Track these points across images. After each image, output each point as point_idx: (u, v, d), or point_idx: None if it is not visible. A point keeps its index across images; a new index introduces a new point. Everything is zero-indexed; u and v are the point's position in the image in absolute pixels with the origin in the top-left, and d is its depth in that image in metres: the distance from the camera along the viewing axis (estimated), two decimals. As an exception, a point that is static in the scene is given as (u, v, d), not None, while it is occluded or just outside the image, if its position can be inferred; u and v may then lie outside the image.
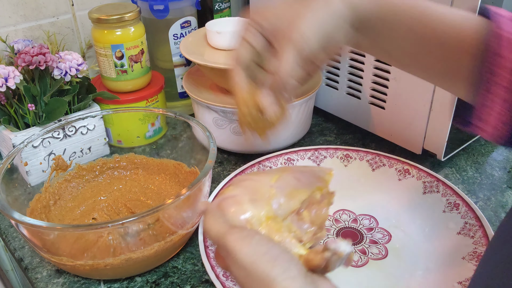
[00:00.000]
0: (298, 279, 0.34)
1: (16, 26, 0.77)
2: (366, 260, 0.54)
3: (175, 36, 0.79)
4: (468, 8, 0.54)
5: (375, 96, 0.71)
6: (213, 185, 0.64)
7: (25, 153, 0.60)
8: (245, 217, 0.41)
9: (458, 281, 0.48)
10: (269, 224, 0.42)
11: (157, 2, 0.76)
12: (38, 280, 0.54)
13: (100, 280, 0.54)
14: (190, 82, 0.75)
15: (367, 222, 0.59)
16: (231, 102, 0.69)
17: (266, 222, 0.42)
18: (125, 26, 0.71)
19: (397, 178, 0.63)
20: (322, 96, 0.80)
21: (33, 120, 0.66)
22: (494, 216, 0.60)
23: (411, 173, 0.63)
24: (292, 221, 0.43)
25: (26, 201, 0.58)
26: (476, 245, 0.52)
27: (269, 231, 0.41)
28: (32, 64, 0.63)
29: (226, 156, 0.74)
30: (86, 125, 0.67)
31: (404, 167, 0.63)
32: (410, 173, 0.63)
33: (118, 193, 0.65)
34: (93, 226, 0.50)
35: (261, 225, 0.41)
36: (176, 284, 0.53)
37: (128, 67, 0.73)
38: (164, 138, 0.77)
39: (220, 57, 0.69)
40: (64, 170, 0.65)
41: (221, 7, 0.86)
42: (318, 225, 0.44)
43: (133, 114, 0.73)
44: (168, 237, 0.51)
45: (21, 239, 0.60)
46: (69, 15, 0.82)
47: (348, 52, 0.72)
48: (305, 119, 0.74)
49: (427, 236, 0.56)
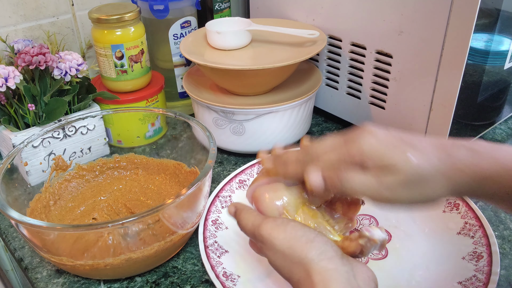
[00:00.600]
0: (335, 260, 0.36)
1: (16, 26, 0.77)
2: (366, 260, 0.54)
3: (175, 36, 0.79)
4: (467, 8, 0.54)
5: (375, 96, 0.71)
6: (213, 185, 0.64)
7: (25, 153, 0.60)
8: (281, 203, 0.42)
9: (458, 281, 0.48)
10: (304, 210, 0.42)
11: (157, 2, 0.76)
12: (38, 280, 0.54)
13: (100, 280, 0.54)
14: (190, 82, 0.75)
15: (367, 222, 0.59)
16: (231, 102, 0.69)
17: (302, 208, 0.42)
18: (125, 26, 0.71)
19: (397, 178, 0.63)
20: (322, 96, 0.80)
21: (33, 120, 0.66)
22: (494, 216, 0.60)
23: (411, 173, 0.62)
24: (325, 210, 0.44)
25: (26, 201, 0.58)
26: (476, 245, 0.52)
27: (305, 217, 0.42)
28: (32, 64, 0.63)
29: (226, 156, 0.74)
30: (86, 125, 0.67)
31: (404, 167, 0.63)
32: (410, 173, 0.63)
33: (118, 193, 0.65)
34: (93, 226, 0.50)
35: (297, 212, 0.42)
36: (176, 284, 0.53)
37: (128, 67, 0.73)
38: (164, 138, 0.77)
39: (220, 57, 0.69)
40: (64, 170, 0.65)
41: (221, 7, 0.86)
42: (349, 217, 0.44)
43: (133, 114, 0.73)
44: (168, 237, 0.51)
45: (21, 239, 0.60)
46: (69, 15, 0.81)
47: (348, 52, 0.72)
48: (305, 119, 0.74)
49: (427, 236, 0.56)
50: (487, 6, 0.56)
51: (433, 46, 0.60)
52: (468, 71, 0.59)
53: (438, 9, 0.57)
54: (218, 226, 0.57)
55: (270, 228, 0.38)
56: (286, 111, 0.69)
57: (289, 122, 0.70)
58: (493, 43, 0.63)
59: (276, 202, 0.42)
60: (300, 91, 0.71)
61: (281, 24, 0.74)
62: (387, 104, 0.69)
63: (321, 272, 0.35)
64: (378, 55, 0.68)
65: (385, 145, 0.37)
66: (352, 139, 0.38)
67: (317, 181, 0.39)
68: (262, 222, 0.39)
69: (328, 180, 0.39)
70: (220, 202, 0.61)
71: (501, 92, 0.72)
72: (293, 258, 0.36)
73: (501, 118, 0.76)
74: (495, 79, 0.68)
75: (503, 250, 0.55)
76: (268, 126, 0.69)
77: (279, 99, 0.69)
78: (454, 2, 0.55)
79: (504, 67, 0.67)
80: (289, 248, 0.37)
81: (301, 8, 0.76)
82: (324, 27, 0.74)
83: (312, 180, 0.39)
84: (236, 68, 0.64)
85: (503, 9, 0.60)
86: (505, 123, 0.78)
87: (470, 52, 0.57)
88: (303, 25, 0.75)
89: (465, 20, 0.55)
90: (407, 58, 0.64)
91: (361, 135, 0.38)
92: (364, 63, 0.70)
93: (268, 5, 0.82)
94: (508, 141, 0.75)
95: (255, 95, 0.71)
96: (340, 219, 0.44)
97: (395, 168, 0.36)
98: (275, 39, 0.73)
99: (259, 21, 0.75)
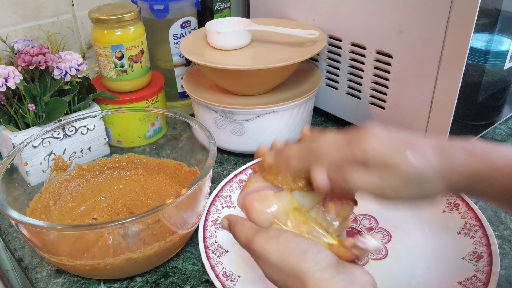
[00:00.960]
0: (330, 269, 0.36)
1: (16, 26, 0.77)
2: (366, 260, 0.54)
3: (175, 36, 0.79)
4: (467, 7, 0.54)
5: (375, 96, 0.71)
6: (213, 185, 0.64)
7: (25, 153, 0.60)
8: (271, 211, 0.42)
9: (458, 281, 0.48)
10: (295, 215, 0.42)
11: (157, 2, 0.76)
12: (38, 280, 0.54)
13: (100, 280, 0.54)
14: (190, 82, 0.75)
15: (367, 222, 0.59)
16: (231, 102, 0.69)
17: (293, 214, 0.42)
18: (125, 26, 0.71)
19: (397, 178, 0.63)
20: (322, 96, 0.80)
21: (33, 120, 0.66)
22: (494, 216, 0.60)
23: (411, 173, 0.62)
24: (318, 212, 0.44)
25: (26, 201, 0.58)
26: (476, 245, 0.52)
27: (296, 223, 0.42)
28: (32, 64, 0.63)
29: (226, 156, 0.74)
30: (86, 125, 0.67)
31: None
32: (410, 173, 0.63)
33: (118, 193, 0.65)
34: (93, 226, 0.50)
35: (288, 218, 0.42)
36: (176, 284, 0.53)
37: (128, 67, 0.73)
38: (164, 138, 0.77)
39: (220, 57, 0.69)
40: (64, 170, 0.65)
41: (221, 7, 0.86)
42: (343, 217, 0.44)
43: (133, 114, 0.73)
44: (168, 237, 0.51)
45: (21, 239, 0.60)
46: (69, 15, 0.81)
47: (348, 52, 0.72)
48: (305, 119, 0.74)
49: (427, 236, 0.56)
50: (487, 6, 0.56)
51: (433, 46, 0.60)
52: (468, 71, 0.59)
53: (438, 9, 0.57)
54: (218, 226, 0.57)
55: (263, 242, 0.38)
56: (286, 111, 0.69)
57: (289, 122, 0.70)
58: (493, 43, 0.63)
59: (266, 211, 0.42)
60: (300, 91, 0.71)
61: (281, 24, 0.74)
62: (387, 104, 0.69)
63: (317, 283, 0.35)
64: (378, 55, 0.68)
65: (386, 147, 0.38)
66: (355, 140, 0.39)
67: (323, 181, 0.40)
68: (255, 236, 0.39)
69: (334, 179, 0.39)
70: (220, 202, 0.61)
71: (501, 92, 0.72)
72: (288, 271, 0.36)
73: (501, 118, 0.76)
74: (495, 79, 0.68)
75: (503, 250, 0.55)
76: (268, 126, 0.69)
77: (279, 99, 0.69)
78: (454, 2, 0.55)
79: (504, 67, 0.67)
80: (283, 261, 0.37)
81: (301, 8, 0.76)
82: (324, 27, 0.74)
83: (318, 180, 0.40)
84: (236, 68, 0.64)
85: (503, 9, 0.60)
86: (505, 123, 0.78)
87: (470, 52, 0.57)
88: (303, 25, 0.75)
89: (465, 20, 0.55)
90: (407, 58, 0.64)
91: (363, 136, 0.39)
92: (364, 63, 0.70)
93: (268, 5, 0.82)
94: (508, 141, 0.75)
95: (255, 95, 0.71)
96: (334, 220, 0.44)
97: (396, 168, 0.37)
98: (275, 39, 0.73)
99: (259, 21, 0.75)
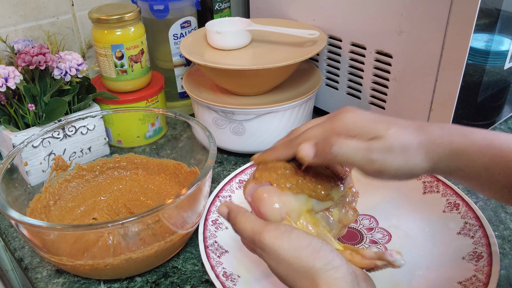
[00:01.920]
0: (342, 269, 0.36)
1: (16, 26, 0.77)
2: (366, 260, 0.54)
3: (175, 36, 0.79)
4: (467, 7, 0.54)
5: (375, 96, 0.71)
6: (213, 185, 0.64)
7: (25, 153, 0.60)
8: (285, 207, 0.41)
9: (458, 281, 0.48)
10: (306, 217, 0.42)
11: (157, 2, 0.76)
12: (38, 280, 0.54)
13: (100, 280, 0.54)
14: (190, 82, 0.75)
15: (367, 222, 0.59)
16: (231, 102, 0.69)
17: (304, 215, 0.42)
18: (125, 26, 0.71)
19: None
20: (322, 96, 0.80)
21: (33, 120, 0.66)
22: (494, 216, 0.60)
23: (411, 173, 0.62)
24: (323, 216, 0.44)
25: (26, 201, 0.58)
26: (476, 245, 0.52)
27: (307, 224, 0.42)
28: (32, 64, 0.63)
29: (226, 156, 0.74)
30: (86, 125, 0.67)
31: (404, 167, 0.63)
32: (410, 173, 0.63)
33: (118, 193, 0.65)
34: (93, 226, 0.50)
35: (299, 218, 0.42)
36: (176, 284, 0.53)
37: (128, 67, 0.73)
38: (164, 138, 0.77)
39: (220, 57, 0.69)
40: (64, 170, 0.65)
41: (221, 7, 0.86)
42: (344, 225, 0.45)
43: (133, 114, 0.73)
44: (168, 237, 0.51)
45: (21, 239, 0.60)
46: (69, 15, 0.81)
47: (348, 52, 0.72)
48: (305, 119, 0.73)
49: (427, 236, 0.56)
50: (487, 6, 0.56)
51: (433, 46, 0.60)
52: (468, 71, 0.59)
53: (438, 9, 0.57)
54: (218, 226, 0.57)
55: (274, 237, 0.38)
56: (286, 111, 0.69)
57: (289, 122, 0.70)
58: (493, 43, 0.63)
59: (279, 206, 0.41)
60: (300, 91, 0.71)
61: (281, 24, 0.74)
62: (387, 104, 0.69)
63: (328, 281, 0.35)
64: (378, 55, 0.68)
65: (367, 120, 0.39)
66: (335, 116, 0.41)
67: (307, 148, 0.40)
68: (264, 229, 0.38)
69: (319, 146, 0.40)
70: (220, 202, 0.61)
71: (501, 92, 0.72)
72: (299, 268, 0.36)
73: (501, 118, 0.76)
74: (495, 79, 0.68)
75: (503, 250, 0.55)
76: (268, 126, 0.69)
77: (279, 99, 0.69)
78: (454, 2, 0.55)
79: (504, 67, 0.67)
80: (295, 258, 0.37)
81: (301, 8, 0.76)
82: (324, 27, 0.74)
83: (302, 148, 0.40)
84: (236, 68, 0.64)
85: (503, 9, 0.60)
86: (505, 123, 0.78)
87: (470, 52, 0.57)
88: (303, 25, 0.75)
89: (465, 20, 0.55)
90: (407, 58, 0.64)
91: (343, 113, 0.40)
92: (364, 63, 0.70)
93: (268, 5, 0.82)
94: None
95: (255, 95, 0.71)
96: (334, 225, 0.44)
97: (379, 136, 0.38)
98: (275, 39, 0.73)
99: (259, 21, 0.75)
